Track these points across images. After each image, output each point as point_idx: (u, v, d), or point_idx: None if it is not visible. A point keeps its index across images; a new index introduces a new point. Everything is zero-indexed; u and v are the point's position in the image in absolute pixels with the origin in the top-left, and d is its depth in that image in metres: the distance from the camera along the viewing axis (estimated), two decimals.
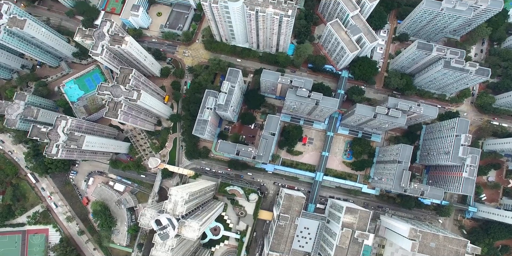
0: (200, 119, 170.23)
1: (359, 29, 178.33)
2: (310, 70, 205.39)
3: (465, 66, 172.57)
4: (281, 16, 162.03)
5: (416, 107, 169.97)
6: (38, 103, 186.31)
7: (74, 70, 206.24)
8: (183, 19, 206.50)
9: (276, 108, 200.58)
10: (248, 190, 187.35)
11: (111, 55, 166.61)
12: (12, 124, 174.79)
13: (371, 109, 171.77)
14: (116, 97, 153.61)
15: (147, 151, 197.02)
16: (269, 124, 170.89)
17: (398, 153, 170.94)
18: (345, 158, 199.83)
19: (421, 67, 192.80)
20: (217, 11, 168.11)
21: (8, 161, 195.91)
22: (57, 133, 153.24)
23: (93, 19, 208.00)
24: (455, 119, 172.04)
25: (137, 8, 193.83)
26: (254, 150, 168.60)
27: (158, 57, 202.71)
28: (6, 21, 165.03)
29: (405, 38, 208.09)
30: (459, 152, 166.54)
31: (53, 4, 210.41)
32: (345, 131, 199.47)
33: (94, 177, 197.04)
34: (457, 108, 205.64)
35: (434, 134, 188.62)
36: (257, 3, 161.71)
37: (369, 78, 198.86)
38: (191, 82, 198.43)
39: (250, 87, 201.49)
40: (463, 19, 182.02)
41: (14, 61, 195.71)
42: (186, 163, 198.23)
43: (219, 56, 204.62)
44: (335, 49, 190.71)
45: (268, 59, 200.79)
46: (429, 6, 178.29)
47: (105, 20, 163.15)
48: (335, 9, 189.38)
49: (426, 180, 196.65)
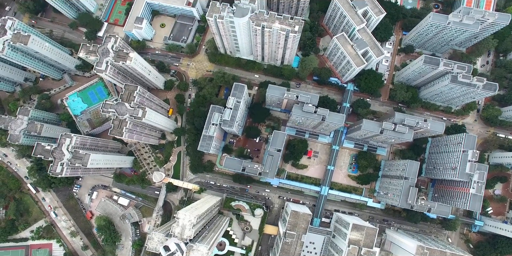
0: (205, 135, 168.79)
1: (365, 43, 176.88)
2: (315, 82, 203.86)
3: (472, 81, 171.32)
4: (288, 32, 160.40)
5: (423, 123, 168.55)
6: (41, 118, 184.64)
7: (77, 82, 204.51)
8: (187, 31, 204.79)
9: (281, 121, 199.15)
10: (254, 205, 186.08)
11: (115, 71, 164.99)
12: (16, 139, 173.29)
13: (378, 124, 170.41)
14: (121, 115, 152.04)
15: (151, 165, 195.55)
16: (275, 140, 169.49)
17: (404, 169, 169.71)
18: (350, 172, 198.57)
19: (427, 80, 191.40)
20: (223, 26, 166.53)
21: (11, 175, 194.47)
22: (62, 152, 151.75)
23: (96, 31, 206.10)
24: (462, 135, 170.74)
25: (140, 21, 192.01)
26: (260, 167, 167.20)
27: (161, 69, 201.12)
28: (10, 37, 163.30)
29: (411, 50, 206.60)
30: (466, 168, 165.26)
31: (56, 16, 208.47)
32: (351, 144, 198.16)
33: (98, 191, 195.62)
34: (463, 120, 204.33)
35: (440, 148, 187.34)
36: (263, 18, 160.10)
37: (374, 91, 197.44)
38: (196, 95, 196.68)
39: (255, 100, 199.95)
40: (470, 32, 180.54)
41: (17, 75, 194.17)
42: (190, 177, 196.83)
43: (224, 68, 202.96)
44: (341, 63, 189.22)
45: (273, 72, 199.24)
46: (436, 20, 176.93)
47: (109, 35, 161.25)
48: (341, 22, 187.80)
49: (431, 194, 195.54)
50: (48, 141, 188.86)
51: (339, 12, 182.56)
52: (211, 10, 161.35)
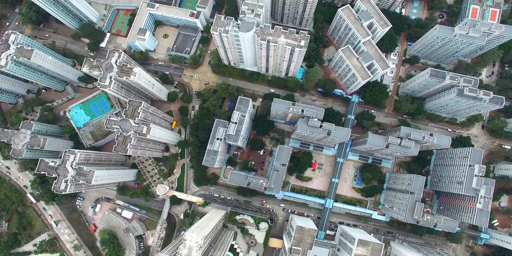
0: (210, 150, 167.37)
1: (371, 56, 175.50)
2: (319, 94, 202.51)
3: (479, 94, 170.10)
4: (294, 46, 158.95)
5: (429, 137, 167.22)
6: (44, 131, 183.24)
7: (80, 94, 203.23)
8: (190, 42, 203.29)
9: (285, 133, 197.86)
10: (258, 218, 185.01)
11: (119, 86, 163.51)
12: (19, 154, 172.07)
13: (383, 139, 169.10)
14: (126, 131, 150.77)
15: (155, 177, 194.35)
16: (280, 155, 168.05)
17: (410, 184, 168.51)
18: (355, 184, 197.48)
19: (432, 92, 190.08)
20: (227, 39, 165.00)
21: (14, 188, 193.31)
22: (66, 169, 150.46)
23: (99, 42, 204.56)
24: (469, 149, 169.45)
25: (143, 32, 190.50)
26: (265, 182, 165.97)
27: (165, 81, 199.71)
28: (14, 51, 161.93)
29: (416, 61, 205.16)
30: (473, 182, 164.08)
31: (59, 26, 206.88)
32: (355, 156, 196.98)
33: (101, 204, 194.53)
34: (468, 131, 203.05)
35: (446, 160, 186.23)
36: (269, 32, 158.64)
37: (379, 103, 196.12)
38: (199, 107, 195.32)
39: (259, 112, 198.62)
40: (476, 45, 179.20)
41: (19, 87, 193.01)
42: (194, 189, 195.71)
43: (227, 79, 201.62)
44: (346, 75, 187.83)
45: (277, 83, 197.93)
46: (441, 33, 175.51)
47: (112, 50, 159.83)
48: (346, 33, 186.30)
49: (436, 206, 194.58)
50: (51, 154, 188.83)
51: (344, 24, 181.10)
52: (216, 24, 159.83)
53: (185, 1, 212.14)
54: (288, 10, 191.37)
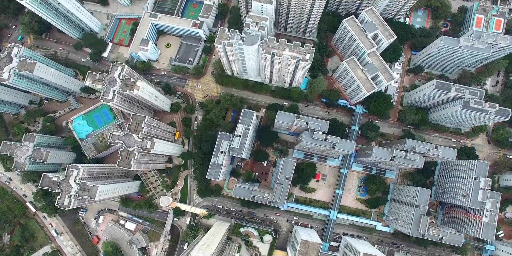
0: (214, 163, 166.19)
1: (376, 67, 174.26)
2: (323, 104, 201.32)
3: (485, 106, 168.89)
4: (299, 60, 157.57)
5: (434, 150, 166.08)
6: (46, 143, 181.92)
7: (82, 104, 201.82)
8: (193, 52, 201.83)
9: (289, 144, 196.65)
10: (262, 231, 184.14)
11: (122, 99, 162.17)
12: (21, 167, 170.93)
13: (388, 151, 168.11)
14: (129, 147, 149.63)
15: (158, 189, 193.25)
16: (284, 168, 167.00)
17: (415, 197, 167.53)
18: (358, 195, 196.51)
19: (437, 103, 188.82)
20: (231, 52, 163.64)
21: (17, 200, 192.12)
22: (69, 184, 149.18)
23: (101, 52, 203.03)
24: (474, 161, 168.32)
25: (146, 43, 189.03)
26: (270, 195, 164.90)
27: (167, 91, 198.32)
28: (16, 64, 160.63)
29: (420, 71, 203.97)
30: (479, 196, 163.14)
31: (61, 36, 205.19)
32: (359, 167, 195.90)
33: (104, 215, 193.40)
34: (472, 142, 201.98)
35: (450, 172, 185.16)
36: (273, 46, 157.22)
37: (384, 114, 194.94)
38: (203, 118, 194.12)
39: (263, 123, 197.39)
40: (481, 56, 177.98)
41: (22, 98, 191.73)
42: (198, 201, 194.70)
43: (230, 89, 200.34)
44: (350, 86, 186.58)
45: (281, 94, 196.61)
46: (447, 44, 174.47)
47: (116, 63, 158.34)
48: (350, 44, 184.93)
49: (441, 217, 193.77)
50: (53, 166, 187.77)
51: (349, 35, 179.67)
52: (220, 37, 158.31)
53: (188, 10, 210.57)
54: (292, 20, 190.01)
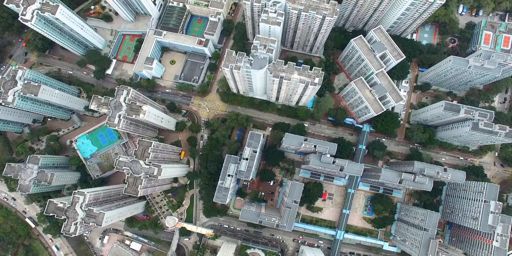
0: (221, 186, 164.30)
1: (384, 88, 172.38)
2: (330, 122, 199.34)
3: (494, 128, 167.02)
4: (307, 83, 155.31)
5: (443, 173, 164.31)
6: (51, 164, 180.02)
7: (86, 122, 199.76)
8: (198, 70, 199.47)
9: (295, 163, 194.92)
10: (269, 252, 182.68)
11: (128, 122, 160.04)
12: (26, 189, 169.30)
13: (397, 174, 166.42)
14: (136, 173, 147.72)
15: (164, 209, 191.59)
16: (292, 191, 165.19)
17: (424, 220, 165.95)
18: (365, 214, 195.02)
19: (445, 122, 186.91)
20: (238, 74, 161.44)
21: (21, 221, 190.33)
22: (75, 211, 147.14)
23: (105, 69, 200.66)
24: (484, 184, 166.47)
25: (151, 61, 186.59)
26: (278, 219, 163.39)
27: (172, 110, 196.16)
28: (21, 87, 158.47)
29: (427, 88, 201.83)
30: (489, 219, 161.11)
31: (64, 53, 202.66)
32: (366, 186, 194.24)
33: (109, 235, 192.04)
34: (480, 159, 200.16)
35: (458, 192, 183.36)
36: (281, 69, 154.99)
37: (391, 132, 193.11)
38: (208, 138, 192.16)
39: (269, 142, 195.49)
40: (491, 76, 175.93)
41: (25, 117, 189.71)
42: (203, 220, 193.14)
43: (236, 108, 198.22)
44: (358, 105, 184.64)
45: (287, 113, 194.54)
46: (456, 64, 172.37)
47: (121, 87, 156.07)
48: (358, 63, 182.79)
49: (448, 237, 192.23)
50: (58, 186, 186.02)
51: (357, 54, 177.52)
52: (227, 60, 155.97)
53: (192, 26, 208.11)
54: (299, 39, 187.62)
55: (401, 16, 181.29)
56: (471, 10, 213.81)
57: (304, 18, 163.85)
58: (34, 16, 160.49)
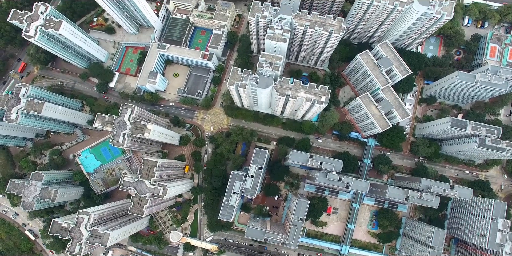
0: (226, 204, 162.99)
1: (390, 104, 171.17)
2: (335, 136, 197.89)
3: (502, 145, 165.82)
4: (314, 101, 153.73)
5: (450, 190, 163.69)
6: (54, 179, 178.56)
7: (89, 136, 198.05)
8: (202, 84, 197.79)
9: (300, 177, 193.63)
10: None
11: (132, 141, 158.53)
12: (29, 206, 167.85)
13: (403, 192, 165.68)
14: (141, 193, 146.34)
15: (168, 223, 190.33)
16: (298, 209, 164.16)
17: (430, 237, 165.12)
18: (370, 228, 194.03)
19: (451, 137, 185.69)
20: (244, 92, 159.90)
21: (23, 236, 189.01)
22: (80, 231, 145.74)
23: (108, 82, 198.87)
24: (491, 201, 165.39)
25: (154, 75, 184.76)
26: (284, 237, 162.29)
27: (176, 123, 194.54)
28: (24, 105, 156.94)
29: (433, 101, 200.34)
30: (497, 238, 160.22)
31: (67, 66, 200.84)
32: (371, 201, 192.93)
33: (113, 250, 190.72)
34: (486, 173, 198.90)
35: (465, 207, 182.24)
36: (288, 87, 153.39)
37: (396, 147, 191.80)
38: (213, 152, 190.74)
39: (274, 157, 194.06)
40: (498, 91, 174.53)
41: (28, 132, 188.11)
42: (208, 235, 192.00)
43: (240, 121, 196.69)
44: (363, 120, 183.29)
45: (292, 127, 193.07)
46: (463, 79, 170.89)
47: (126, 105, 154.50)
48: (364, 78, 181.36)
49: (454, 251, 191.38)
50: (61, 202, 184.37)
51: (363, 69, 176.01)
52: (232, 77, 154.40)
53: (196, 38, 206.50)
54: (304, 53, 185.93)
55: (407, 30, 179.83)
56: (477, 22, 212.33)
57: (310, 34, 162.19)
58: (38, 32, 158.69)
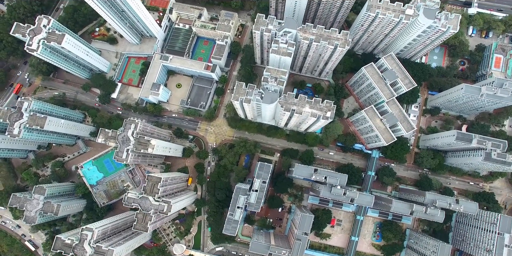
0: (230, 219, 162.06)
1: (395, 118, 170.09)
2: (339, 148, 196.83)
3: (508, 159, 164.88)
4: (319, 117, 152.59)
5: (456, 205, 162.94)
6: (57, 192, 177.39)
7: (91, 148, 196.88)
8: (205, 95, 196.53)
9: (303, 189, 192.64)
10: None
11: (136, 156, 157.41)
12: (32, 220, 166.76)
13: (408, 206, 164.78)
14: (145, 210, 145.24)
15: (171, 236, 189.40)
16: (302, 223, 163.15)
17: (435, 252, 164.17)
18: (374, 240, 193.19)
19: (456, 149, 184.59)
20: (248, 106, 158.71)
21: (25, 250, 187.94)
22: (84, 248, 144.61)
23: (110, 93, 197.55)
24: (497, 215, 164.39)
25: (157, 87, 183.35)
26: (288, 251, 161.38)
27: (179, 135, 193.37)
28: (27, 119, 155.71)
29: (437, 112, 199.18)
30: (503, 253, 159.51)
31: (69, 76, 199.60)
32: (375, 213, 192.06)
33: None
34: (491, 184, 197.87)
35: (470, 220, 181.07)
36: (293, 102, 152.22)
37: (400, 158, 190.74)
38: (216, 165, 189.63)
39: (277, 169, 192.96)
40: (503, 103, 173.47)
41: (30, 145, 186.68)
42: (211, 247, 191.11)
43: (244, 133, 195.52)
44: (368, 133, 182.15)
45: (296, 138, 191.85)
46: (468, 92, 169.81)
47: (129, 120, 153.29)
48: (369, 90, 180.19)
49: None
50: (64, 215, 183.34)
51: (368, 82, 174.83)
52: (237, 92, 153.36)
53: (199, 48, 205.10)
54: (308, 64, 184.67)
55: (412, 42, 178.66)
56: (481, 32, 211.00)
57: (315, 47, 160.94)
58: (40, 46, 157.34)
